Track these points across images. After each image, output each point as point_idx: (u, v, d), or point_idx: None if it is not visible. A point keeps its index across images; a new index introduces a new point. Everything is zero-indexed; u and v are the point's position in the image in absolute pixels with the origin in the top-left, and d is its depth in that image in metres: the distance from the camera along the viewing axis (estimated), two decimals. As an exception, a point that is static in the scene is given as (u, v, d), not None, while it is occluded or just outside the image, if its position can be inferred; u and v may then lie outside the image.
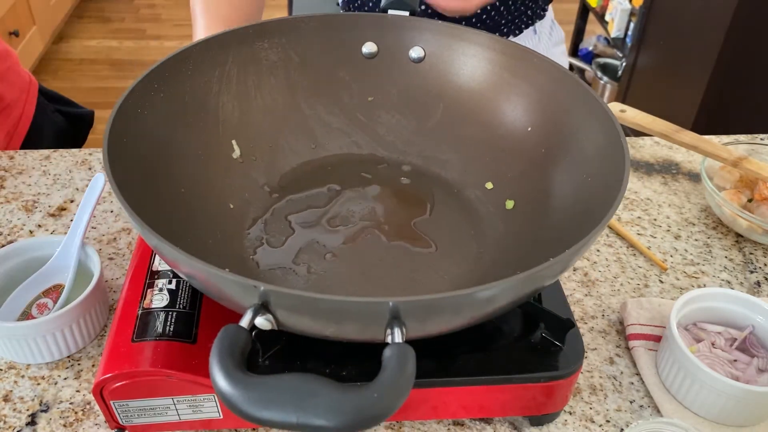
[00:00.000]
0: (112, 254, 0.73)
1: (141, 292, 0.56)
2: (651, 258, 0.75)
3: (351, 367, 0.52)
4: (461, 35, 0.69)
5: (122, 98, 0.55)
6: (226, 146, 0.67)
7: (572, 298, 0.70)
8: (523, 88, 0.67)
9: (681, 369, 0.58)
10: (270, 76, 0.70)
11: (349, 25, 0.71)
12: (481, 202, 0.68)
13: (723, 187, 0.82)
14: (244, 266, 0.60)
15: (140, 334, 0.53)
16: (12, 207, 0.79)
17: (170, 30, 3.13)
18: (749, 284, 0.73)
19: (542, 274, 0.44)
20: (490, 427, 0.58)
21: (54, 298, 0.63)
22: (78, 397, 0.59)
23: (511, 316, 0.56)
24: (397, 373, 0.39)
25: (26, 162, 0.86)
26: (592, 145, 0.59)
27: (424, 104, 0.72)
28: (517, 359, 0.54)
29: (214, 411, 0.54)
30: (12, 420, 0.57)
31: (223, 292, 0.44)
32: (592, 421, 0.59)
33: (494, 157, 0.68)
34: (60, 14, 2.97)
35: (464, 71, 0.70)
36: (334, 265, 0.61)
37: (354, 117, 0.73)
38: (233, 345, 0.40)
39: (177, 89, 0.63)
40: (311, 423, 0.37)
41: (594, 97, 0.59)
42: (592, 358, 0.64)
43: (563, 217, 0.59)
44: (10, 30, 2.42)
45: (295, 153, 0.71)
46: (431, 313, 0.43)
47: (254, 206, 0.66)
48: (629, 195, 0.84)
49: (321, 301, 0.40)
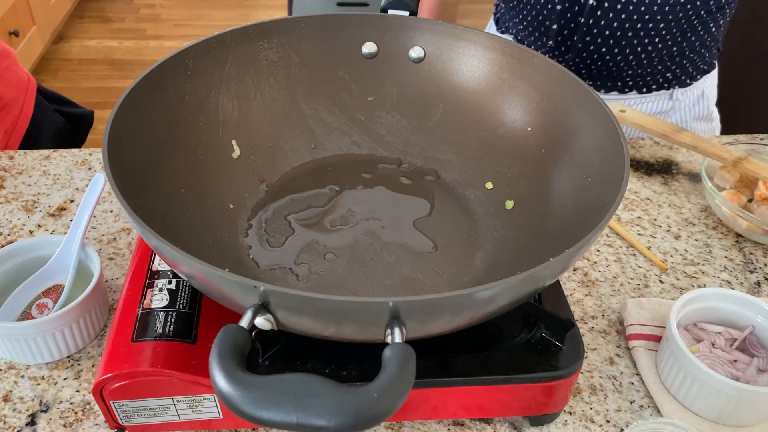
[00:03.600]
0: (112, 254, 0.73)
1: (141, 292, 0.56)
2: (651, 258, 0.75)
3: (351, 367, 0.52)
4: (461, 35, 0.69)
5: (122, 98, 0.55)
6: (226, 146, 0.67)
7: (572, 298, 0.70)
8: (523, 88, 0.67)
9: (681, 369, 0.58)
10: (270, 76, 0.70)
11: (349, 25, 0.71)
12: (481, 202, 0.68)
13: (723, 187, 0.82)
14: (244, 266, 0.60)
15: (140, 334, 0.53)
16: (12, 207, 0.79)
17: (170, 30, 3.13)
18: (749, 284, 0.73)
19: (542, 274, 0.44)
20: (490, 427, 0.58)
21: (54, 298, 0.63)
22: (78, 397, 0.59)
23: (511, 316, 0.56)
24: (397, 373, 0.39)
25: (26, 162, 0.86)
26: (592, 145, 0.59)
27: (424, 104, 0.72)
28: (517, 359, 0.54)
29: (213, 411, 0.54)
30: (12, 420, 0.57)
31: (223, 292, 0.44)
32: (592, 421, 0.59)
33: (494, 157, 0.68)
34: (60, 14, 2.97)
35: (464, 71, 0.70)
36: (334, 265, 0.61)
37: (354, 117, 0.73)
38: (233, 345, 0.40)
39: (177, 89, 0.63)
40: (311, 423, 0.37)
41: (594, 97, 0.59)
42: (592, 358, 0.64)
43: (563, 217, 0.59)
44: (10, 30, 2.42)
45: (295, 153, 0.71)
46: (431, 313, 0.43)
47: (254, 206, 0.66)
48: (629, 195, 0.84)
49: (321, 301, 0.40)
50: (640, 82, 0.97)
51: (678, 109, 1.01)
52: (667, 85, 0.98)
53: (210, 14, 3.26)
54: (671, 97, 0.99)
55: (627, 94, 0.98)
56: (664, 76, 0.96)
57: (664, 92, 0.98)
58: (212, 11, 3.28)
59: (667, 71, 0.96)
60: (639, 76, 0.96)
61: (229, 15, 3.24)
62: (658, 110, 1.00)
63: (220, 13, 3.27)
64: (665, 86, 0.98)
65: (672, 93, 0.99)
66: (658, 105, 1.00)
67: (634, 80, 0.96)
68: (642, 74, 0.95)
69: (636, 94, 0.98)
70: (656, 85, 0.97)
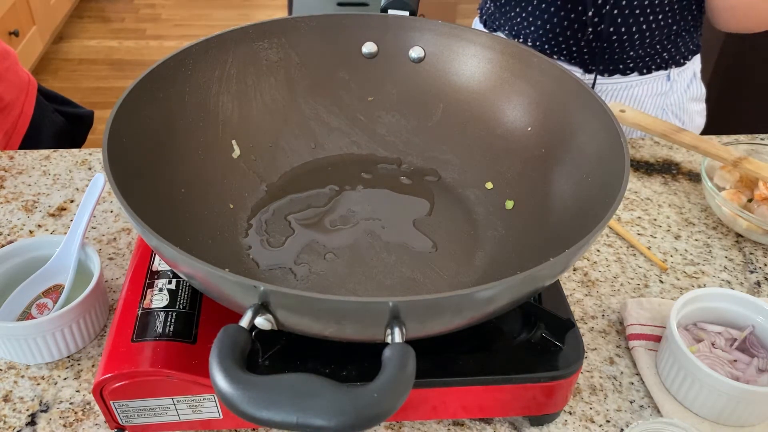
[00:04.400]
0: (112, 254, 0.73)
1: (141, 292, 0.56)
2: (651, 258, 0.75)
3: (351, 367, 0.52)
4: (461, 35, 0.69)
5: (122, 98, 0.55)
6: (226, 146, 0.67)
7: (572, 298, 0.70)
8: (523, 88, 0.67)
9: (681, 369, 0.58)
10: (270, 76, 0.70)
11: (349, 25, 0.71)
12: (481, 202, 0.68)
13: (723, 187, 0.82)
14: (244, 266, 0.60)
15: (140, 334, 0.53)
16: (12, 207, 0.79)
17: (170, 30, 3.13)
18: (749, 284, 0.73)
19: (542, 274, 0.44)
20: (490, 427, 0.58)
21: (54, 298, 0.63)
22: (78, 397, 0.59)
23: (511, 316, 0.56)
24: (397, 373, 0.39)
25: (26, 162, 0.86)
26: (592, 145, 0.59)
27: (424, 104, 0.72)
28: (517, 359, 0.54)
29: (213, 411, 0.54)
30: (12, 420, 0.57)
31: (223, 292, 0.44)
32: (592, 421, 0.59)
33: (494, 157, 0.68)
34: (60, 14, 2.97)
35: (464, 71, 0.70)
36: (334, 265, 0.61)
37: (354, 117, 0.73)
38: (233, 345, 0.40)
39: (177, 89, 0.63)
40: (311, 423, 0.37)
41: (594, 97, 0.59)
42: (592, 358, 0.64)
43: (563, 217, 0.59)
44: (10, 30, 2.42)
45: (295, 153, 0.71)
46: (431, 313, 0.43)
47: (254, 206, 0.66)
48: (629, 195, 0.84)
49: (321, 301, 0.40)
50: (640, 63, 0.99)
51: (675, 90, 1.04)
52: (665, 66, 1.01)
53: (210, 14, 3.26)
54: (668, 77, 1.02)
55: (629, 75, 1.00)
56: (661, 56, 1.00)
57: (663, 72, 1.01)
58: (212, 11, 3.28)
59: (664, 51, 0.99)
60: (639, 57, 0.98)
61: (229, 15, 3.24)
62: (656, 92, 1.03)
63: (220, 13, 3.27)
64: (663, 66, 1.01)
65: (669, 73, 1.02)
66: (657, 86, 1.03)
67: (634, 61, 0.99)
68: (642, 55, 0.98)
69: (637, 75, 1.01)
70: (655, 66, 1.00)
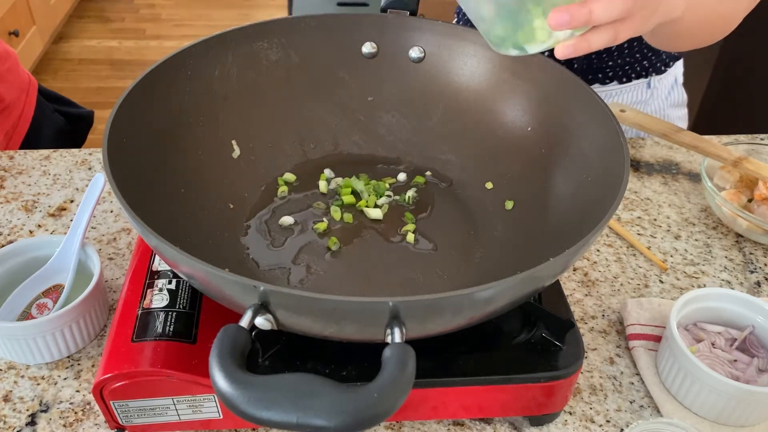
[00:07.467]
0: (112, 254, 0.73)
1: (141, 292, 0.56)
2: (651, 258, 0.75)
3: (351, 367, 0.52)
4: (461, 35, 0.69)
5: (122, 98, 0.55)
6: (226, 146, 0.67)
7: (572, 298, 0.70)
8: (523, 88, 0.67)
9: (681, 369, 0.58)
10: (270, 76, 0.69)
11: (349, 25, 0.71)
12: (481, 202, 0.68)
13: (723, 187, 0.82)
14: (244, 266, 0.60)
15: (140, 334, 0.53)
16: (12, 207, 0.79)
17: (170, 30, 3.13)
18: (749, 284, 0.73)
19: (542, 274, 0.44)
20: (490, 427, 0.58)
21: (54, 298, 0.63)
22: (78, 397, 0.59)
23: (511, 316, 0.56)
24: (397, 373, 0.39)
25: (26, 162, 0.86)
26: (592, 145, 0.59)
27: (424, 104, 0.72)
28: (517, 359, 0.53)
29: (213, 411, 0.54)
30: (12, 420, 0.57)
31: (223, 292, 0.44)
32: (592, 421, 0.59)
33: (494, 157, 0.68)
34: (60, 14, 2.97)
35: (464, 71, 0.70)
36: (334, 265, 0.61)
37: (354, 117, 0.73)
38: (233, 345, 0.40)
39: (177, 89, 0.63)
40: (311, 423, 0.37)
41: (594, 97, 0.59)
42: (592, 358, 0.64)
43: (563, 217, 0.59)
44: (10, 30, 2.42)
45: (295, 153, 0.71)
46: (431, 313, 0.43)
47: (254, 206, 0.66)
48: (629, 195, 0.84)
49: (321, 301, 0.40)
50: (619, 71, 0.98)
51: (655, 97, 1.03)
52: (645, 73, 1.00)
53: (210, 14, 3.26)
54: (649, 85, 1.01)
55: (608, 85, 0.99)
56: (641, 64, 0.98)
57: (643, 80, 1.00)
58: (212, 11, 3.28)
59: (644, 59, 0.98)
60: (618, 66, 0.97)
61: (229, 15, 3.24)
62: (636, 100, 1.02)
63: (220, 13, 3.27)
64: (643, 74, 1.00)
65: (650, 81, 1.01)
66: (637, 95, 1.01)
67: (614, 70, 0.98)
68: (621, 64, 0.97)
69: (617, 84, 0.99)
70: (635, 74, 0.99)
